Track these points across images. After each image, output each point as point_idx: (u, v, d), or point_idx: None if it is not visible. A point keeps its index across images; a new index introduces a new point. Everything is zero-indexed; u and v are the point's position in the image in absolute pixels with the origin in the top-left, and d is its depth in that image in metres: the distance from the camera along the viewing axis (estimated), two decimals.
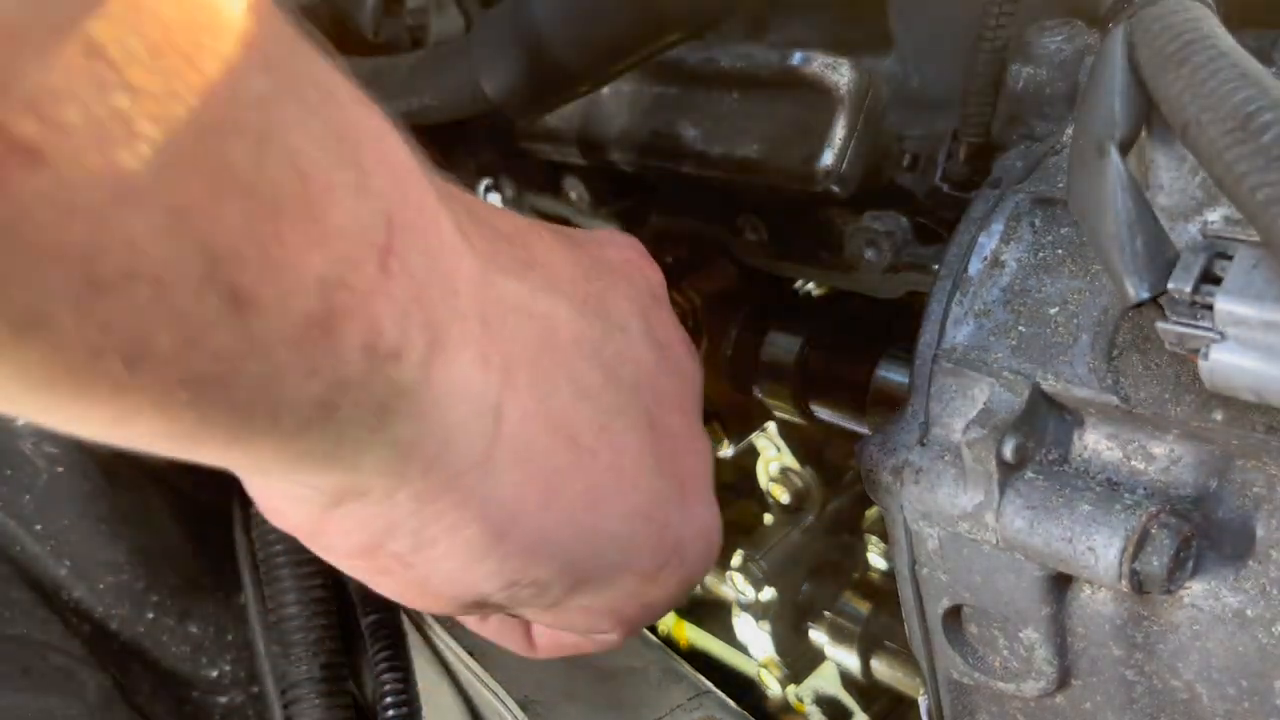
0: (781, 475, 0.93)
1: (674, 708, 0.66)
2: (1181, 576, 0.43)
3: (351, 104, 0.37)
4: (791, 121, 0.71)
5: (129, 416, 0.32)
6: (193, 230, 0.30)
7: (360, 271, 0.35)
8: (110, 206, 0.28)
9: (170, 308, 0.30)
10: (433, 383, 0.39)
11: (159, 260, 0.29)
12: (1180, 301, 0.40)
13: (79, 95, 0.27)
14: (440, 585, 0.45)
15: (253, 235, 0.31)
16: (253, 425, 0.34)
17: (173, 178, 0.29)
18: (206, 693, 0.74)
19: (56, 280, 0.28)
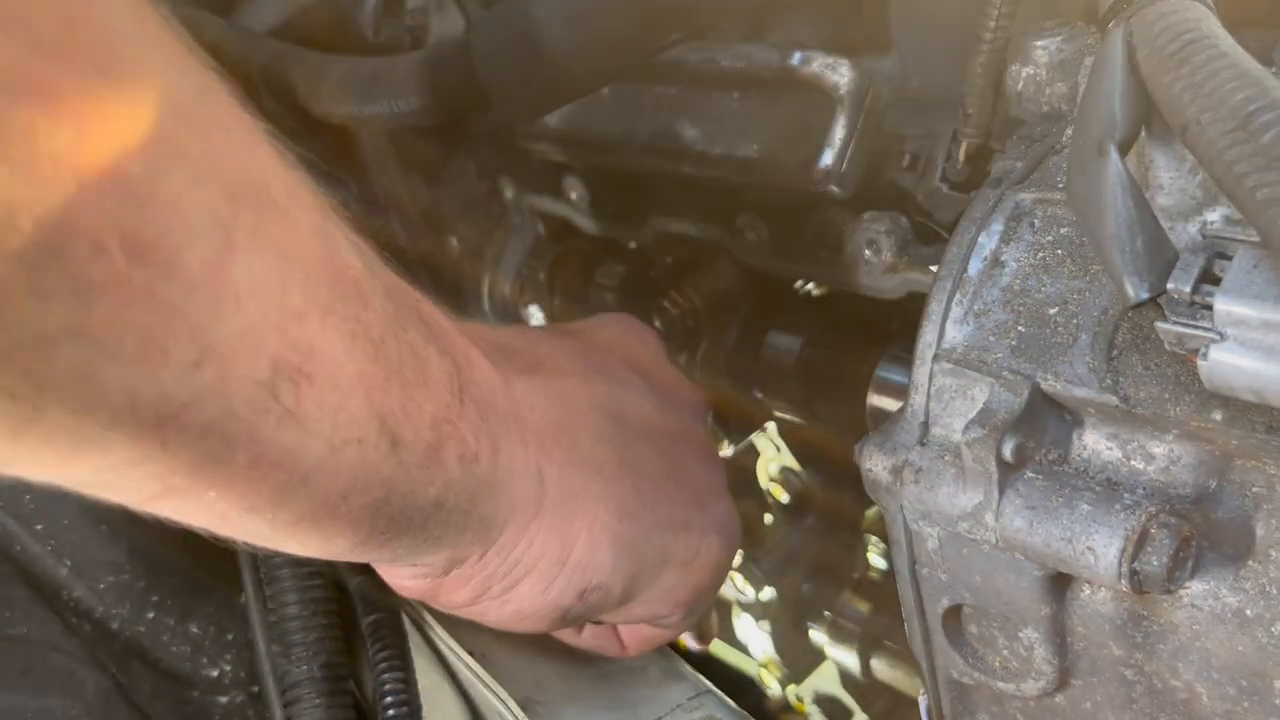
0: (781, 475, 0.93)
1: (674, 707, 0.66)
2: (1181, 576, 0.43)
3: (424, 299, 0.54)
4: (791, 122, 0.71)
5: (333, 537, 0.48)
6: (375, 406, 0.46)
7: (450, 409, 0.51)
8: (341, 408, 0.44)
9: (364, 456, 0.45)
10: (498, 469, 0.54)
11: (362, 427, 0.45)
12: (1180, 302, 0.40)
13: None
14: (532, 609, 0.60)
15: (400, 400, 0.47)
16: (398, 528, 0.50)
17: (370, 381, 0.45)
18: (207, 692, 0.74)
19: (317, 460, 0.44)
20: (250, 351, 0.39)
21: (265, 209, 0.40)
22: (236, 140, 0.41)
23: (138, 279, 0.34)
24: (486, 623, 0.61)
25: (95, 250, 0.33)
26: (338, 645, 0.70)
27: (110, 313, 0.34)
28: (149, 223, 0.35)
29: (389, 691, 0.67)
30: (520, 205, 1.02)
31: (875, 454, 0.51)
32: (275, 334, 0.40)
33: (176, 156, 0.36)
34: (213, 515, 0.44)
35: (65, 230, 0.32)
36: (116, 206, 0.34)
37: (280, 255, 0.41)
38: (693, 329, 0.86)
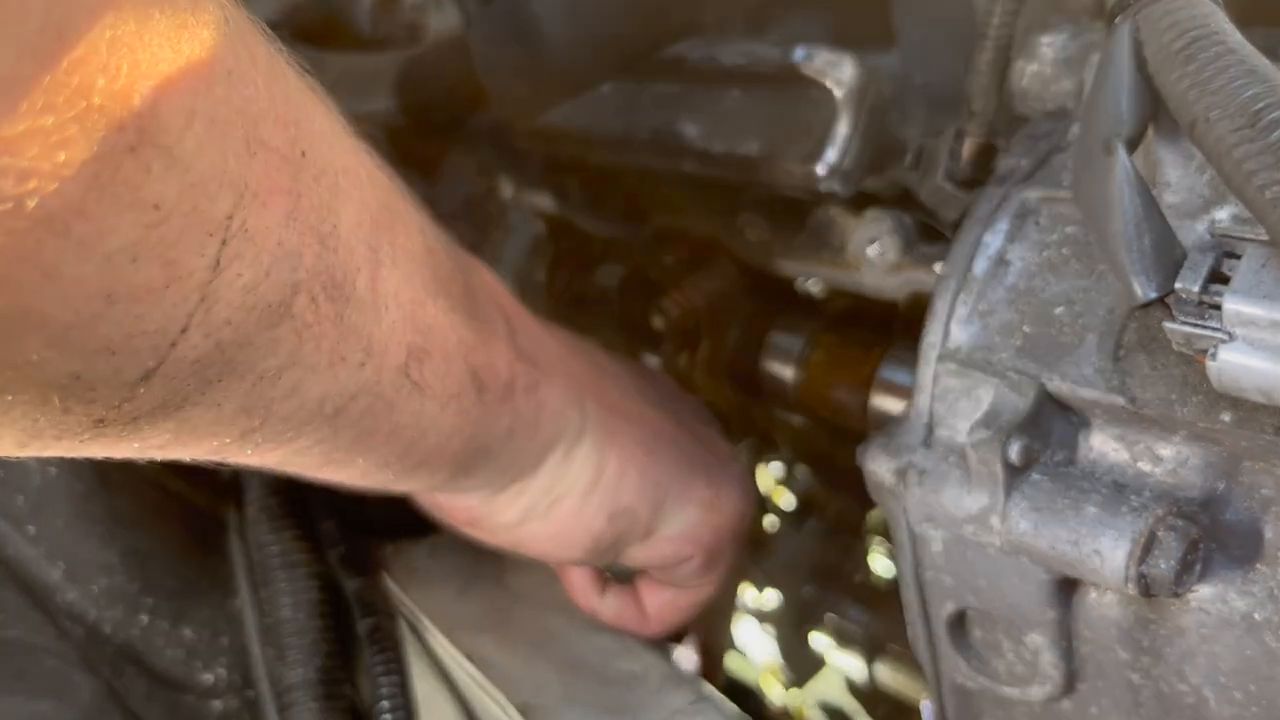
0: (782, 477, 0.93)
1: (674, 712, 0.66)
2: (1189, 580, 0.43)
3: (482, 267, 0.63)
4: (793, 119, 0.70)
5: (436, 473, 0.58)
6: (469, 363, 0.54)
7: (514, 354, 0.59)
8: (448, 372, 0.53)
9: (462, 405, 0.54)
10: (552, 399, 0.63)
11: (461, 383, 0.54)
12: (1188, 301, 0.40)
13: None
14: (569, 529, 0.67)
15: (484, 353, 0.56)
16: (481, 458, 0.59)
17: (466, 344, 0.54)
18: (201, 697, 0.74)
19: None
20: (395, 344, 0.48)
21: (396, 224, 0.49)
22: (368, 164, 0.49)
23: (333, 312, 0.43)
24: (528, 550, 0.68)
25: (310, 302, 0.42)
26: (333, 649, 0.70)
27: (316, 342, 0.43)
28: (339, 266, 0.43)
29: (385, 696, 0.67)
30: (519, 204, 1.02)
31: (879, 456, 0.50)
32: (409, 325, 0.49)
33: (344, 196, 0.44)
34: (354, 474, 0.53)
35: (291, 289, 0.41)
36: (319, 261, 0.42)
37: (407, 259, 0.49)
38: (693, 329, 0.85)
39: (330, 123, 0.46)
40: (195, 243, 0.36)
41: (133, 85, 0.34)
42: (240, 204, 0.38)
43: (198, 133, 0.36)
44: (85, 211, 0.33)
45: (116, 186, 0.34)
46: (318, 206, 0.42)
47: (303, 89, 0.45)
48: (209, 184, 0.36)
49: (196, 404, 0.40)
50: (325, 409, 0.45)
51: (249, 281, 0.38)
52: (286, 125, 0.41)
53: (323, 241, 0.42)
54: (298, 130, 0.42)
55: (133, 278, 0.35)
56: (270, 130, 0.40)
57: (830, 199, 0.71)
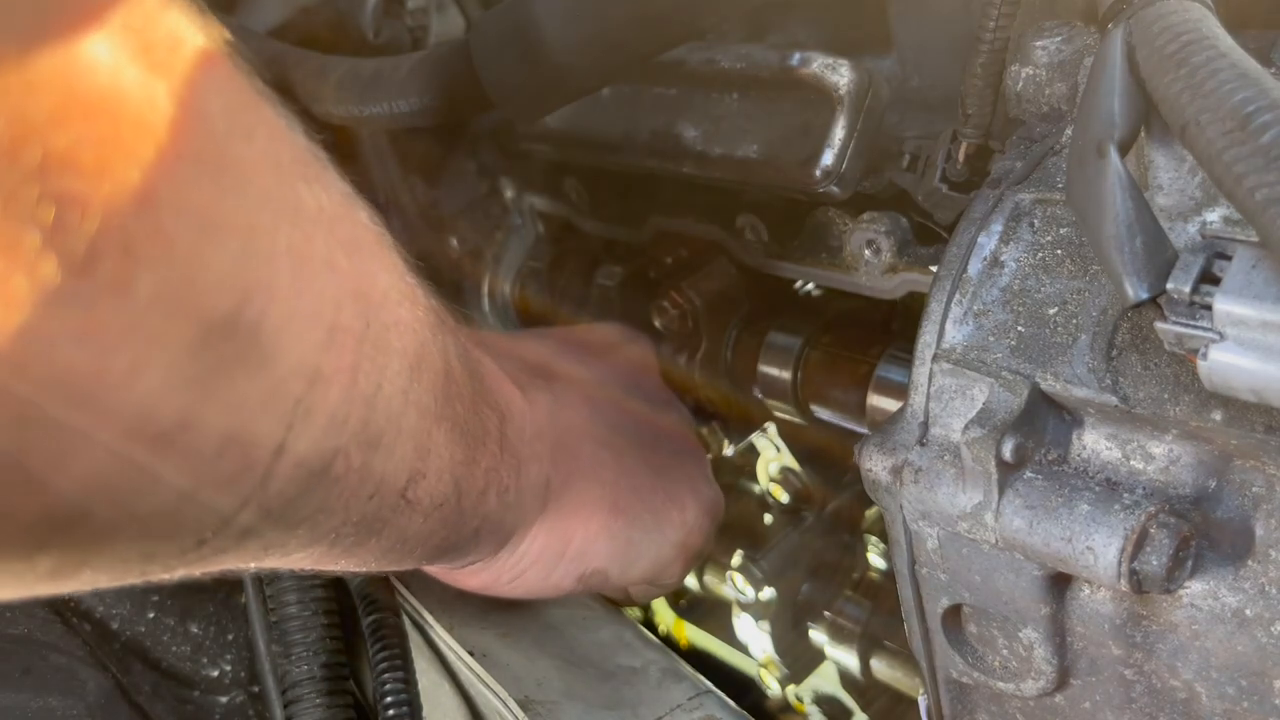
0: (781, 475, 0.93)
1: (674, 707, 0.66)
2: (1180, 576, 0.43)
3: (477, 348, 0.63)
4: (791, 122, 0.71)
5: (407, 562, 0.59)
6: (455, 477, 0.55)
7: (495, 458, 0.60)
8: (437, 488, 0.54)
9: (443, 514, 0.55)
10: (521, 492, 0.64)
11: (446, 495, 0.55)
12: (1179, 302, 0.40)
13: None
14: (536, 590, 0.70)
15: (468, 465, 0.57)
16: (448, 551, 0.61)
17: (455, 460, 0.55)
18: (207, 692, 0.74)
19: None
20: (401, 474, 0.50)
21: (424, 360, 0.50)
22: (413, 304, 0.50)
23: (361, 463, 0.45)
24: (505, 596, 0.72)
25: (346, 460, 0.43)
26: (338, 645, 0.70)
27: (340, 490, 0.44)
28: (375, 424, 0.45)
29: (389, 691, 0.67)
30: (520, 205, 1.02)
31: (875, 454, 0.51)
32: (415, 454, 0.50)
33: (392, 353, 0.46)
34: (336, 568, 0.55)
35: (334, 453, 0.42)
36: (362, 424, 0.44)
37: (428, 391, 0.51)
38: (692, 329, 0.86)
39: (389, 275, 0.48)
40: (269, 434, 0.38)
41: (250, 293, 0.35)
42: (310, 390, 0.39)
43: (293, 332, 0.38)
44: (189, 425, 0.34)
45: (217, 395, 0.35)
46: (370, 373, 0.44)
47: (373, 244, 0.46)
48: (290, 378, 0.38)
49: (230, 554, 0.42)
50: (330, 536, 0.48)
51: (302, 457, 0.40)
52: (359, 299, 0.42)
53: (369, 405, 0.44)
54: (367, 303, 0.43)
55: (216, 473, 0.37)
56: (348, 312, 0.41)
57: (827, 201, 0.72)
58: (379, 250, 0.47)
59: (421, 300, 0.51)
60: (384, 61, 0.79)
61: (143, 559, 0.38)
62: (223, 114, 0.35)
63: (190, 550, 0.39)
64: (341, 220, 0.43)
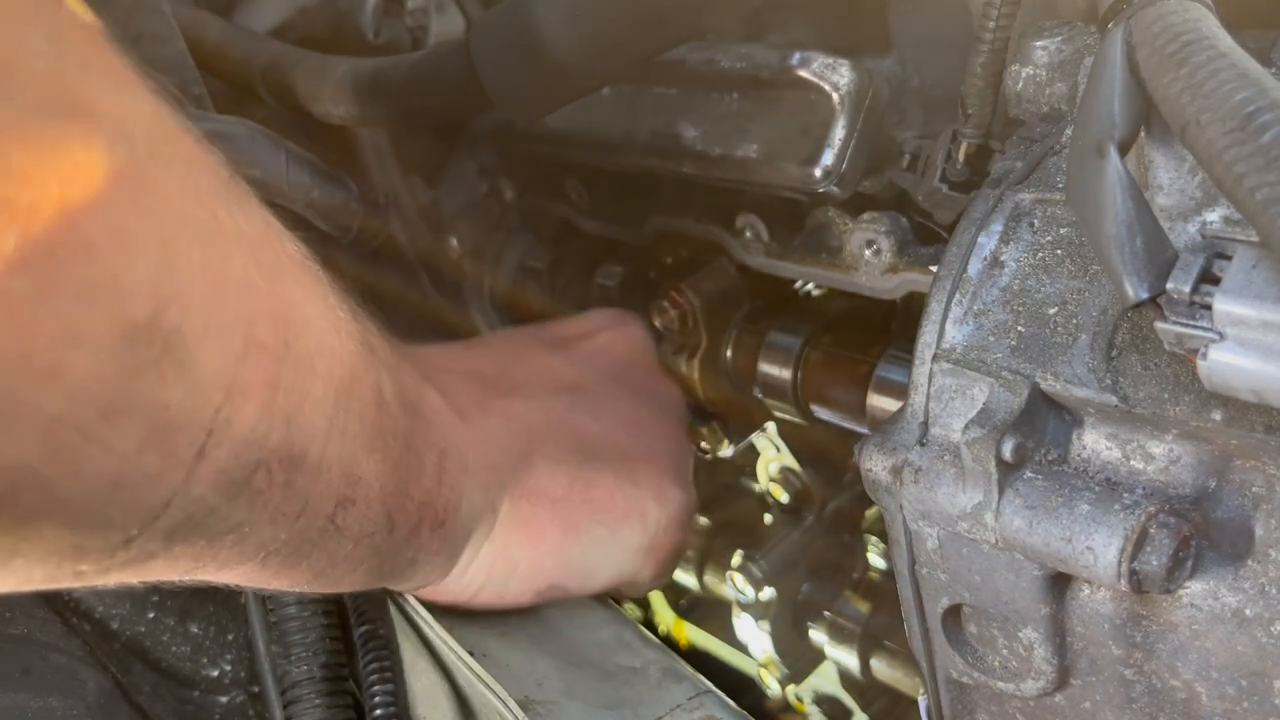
0: (781, 475, 0.93)
1: (674, 707, 0.66)
2: (1180, 576, 0.43)
3: (419, 385, 0.64)
4: (791, 122, 0.71)
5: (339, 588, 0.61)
6: (386, 506, 0.57)
7: (431, 492, 0.61)
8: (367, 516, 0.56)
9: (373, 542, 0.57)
10: (459, 524, 0.65)
11: (376, 524, 0.56)
12: (1179, 302, 0.40)
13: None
14: (498, 605, 0.71)
15: (400, 497, 0.58)
16: (382, 578, 0.63)
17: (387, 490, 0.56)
18: (207, 692, 0.74)
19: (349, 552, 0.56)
20: (328, 498, 0.52)
21: (354, 389, 0.52)
22: (343, 331, 0.52)
23: (284, 479, 0.47)
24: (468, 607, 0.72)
25: (267, 474, 0.46)
26: (337, 645, 0.70)
27: (264, 505, 0.47)
28: (297, 442, 0.47)
29: (378, 704, 0.68)
30: (520, 205, 1.02)
31: (875, 454, 0.51)
32: (343, 480, 0.52)
33: (316, 376, 0.48)
34: (269, 587, 0.56)
35: (254, 466, 0.45)
36: (283, 440, 0.46)
37: (357, 420, 0.53)
38: (692, 329, 0.86)
39: (314, 303, 0.50)
40: (189, 437, 0.41)
41: (167, 302, 0.38)
42: (228, 400, 0.42)
43: (208, 344, 0.40)
44: (111, 417, 0.37)
45: (138, 393, 0.38)
46: (291, 393, 0.46)
47: (297, 271, 0.49)
48: (208, 386, 0.41)
49: (160, 559, 0.45)
50: (258, 554, 0.50)
51: (223, 465, 0.43)
52: (278, 321, 0.45)
53: (289, 422, 0.46)
54: (287, 325, 0.46)
55: (139, 468, 0.40)
56: (265, 330, 0.44)
57: (827, 201, 0.72)
58: (302, 277, 0.50)
59: (354, 334, 0.54)
60: (384, 61, 0.79)
61: (74, 552, 0.41)
62: (144, 141, 0.39)
63: (119, 548, 0.42)
64: (262, 245, 0.46)
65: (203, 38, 0.88)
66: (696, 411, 0.90)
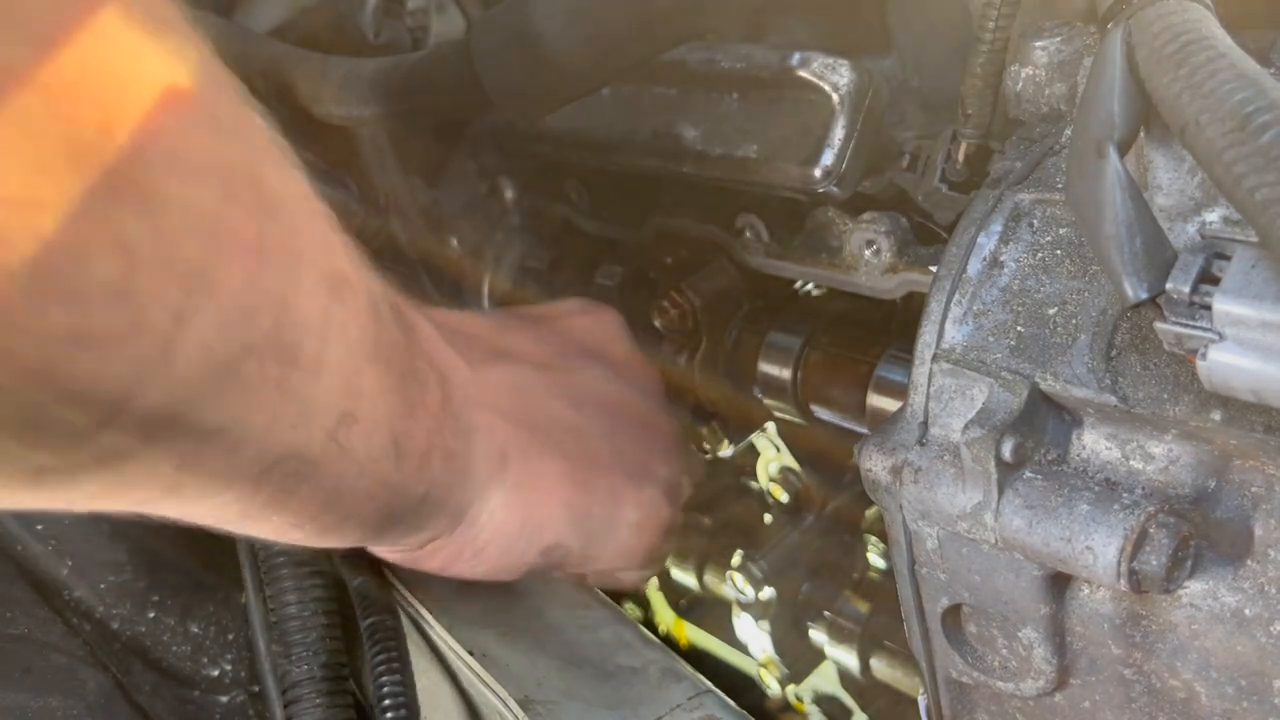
0: (781, 475, 0.93)
1: (674, 707, 0.66)
2: (1180, 576, 0.43)
3: (412, 311, 0.61)
4: (791, 122, 0.71)
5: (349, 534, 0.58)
6: (393, 430, 0.54)
7: (439, 419, 0.59)
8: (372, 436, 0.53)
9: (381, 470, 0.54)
10: (471, 460, 0.63)
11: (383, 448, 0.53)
12: (1179, 302, 0.40)
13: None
14: (499, 567, 0.69)
15: (407, 421, 0.55)
16: (394, 521, 0.59)
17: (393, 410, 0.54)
18: (207, 692, 0.74)
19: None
20: (329, 408, 0.48)
21: (347, 291, 0.49)
22: (330, 230, 0.49)
23: (278, 375, 0.43)
24: (465, 577, 0.70)
25: (259, 365, 0.42)
26: (338, 645, 0.70)
27: (258, 405, 0.43)
28: (291, 331, 0.44)
29: (387, 695, 0.67)
30: (520, 205, 1.02)
31: (875, 454, 0.51)
32: (344, 391, 0.49)
33: (306, 261, 0.45)
34: (268, 530, 0.53)
35: (244, 350, 0.41)
36: (275, 324, 0.42)
37: (355, 325, 0.49)
38: (692, 329, 0.86)
39: (298, 185, 0.46)
40: (162, 291, 0.36)
41: (123, 123, 0.34)
42: (207, 257, 0.38)
43: (178, 179, 0.36)
44: (64, 247, 0.32)
45: (95, 227, 0.33)
46: (280, 269, 0.42)
47: (274, 148, 0.45)
48: (180, 233, 0.36)
49: (138, 459, 0.40)
50: (253, 468, 0.46)
51: (207, 339, 0.38)
52: (258, 183, 0.41)
53: (282, 305, 0.43)
54: (268, 189, 0.42)
55: (101, 322, 0.34)
56: (243, 186, 0.40)
57: (827, 201, 0.72)
58: (281, 155, 0.45)
59: (341, 243, 0.50)
60: (384, 61, 0.79)
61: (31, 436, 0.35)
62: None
63: (86, 436, 0.36)
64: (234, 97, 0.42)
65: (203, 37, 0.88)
66: (696, 411, 0.90)
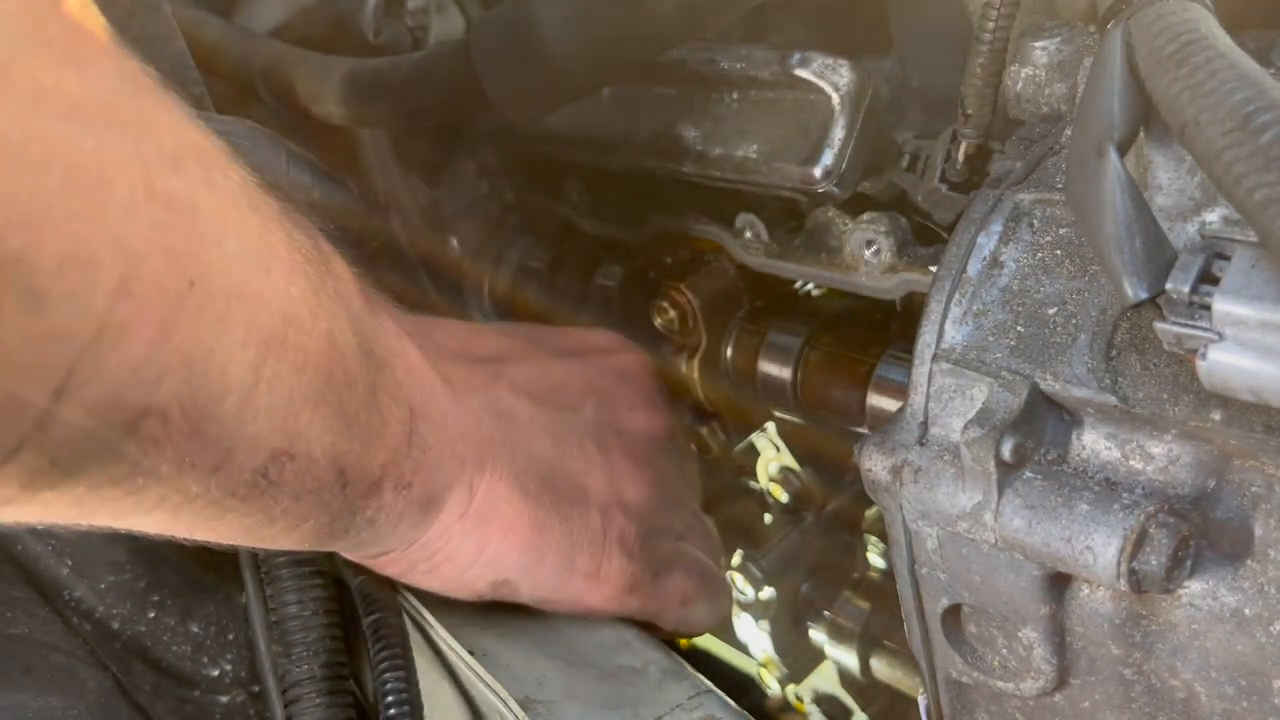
0: (781, 475, 0.93)
1: (674, 707, 0.66)
2: (1180, 576, 0.43)
3: (395, 339, 0.61)
4: (791, 122, 0.71)
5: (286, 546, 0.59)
6: (337, 463, 0.53)
7: (398, 452, 0.58)
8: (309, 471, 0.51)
9: (320, 498, 0.53)
10: (431, 490, 0.62)
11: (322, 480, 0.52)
12: (1178, 302, 0.40)
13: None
14: (451, 587, 0.69)
15: (358, 454, 0.54)
16: (338, 537, 0.58)
17: (337, 447, 0.52)
18: (207, 692, 0.74)
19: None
20: (257, 450, 0.47)
21: (292, 337, 0.47)
22: (279, 271, 0.47)
23: (187, 428, 0.42)
24: (422, 587, 0.70)
25: (162, 421, 0.41)
26: (338, 645, 0.70)
27: (161, 454, 0.42)
28: (205, 389, 0.42)
29: (390, 691, 0.67)
30: (520, 205, 1.02)
31: (874, 454, 0.51)
32: (277, 433, 0.48)
33: (233, 319, 0.43)
34: (201, 538, 0.52)
35: (142, 411, 0.40)
36: (182, 385, 0.41)
37: (294, 370, 0.48)
38: (692, 329, 0.86)
39: (245, 238, 0.45)
40: (41, 377, 0.35)
41: (8, 217, 0.32)
42: (99, 339, 0.36)
43: (67, 277, 0.34)
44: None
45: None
46: (192, 335, 0.41)
47: (224, 202, 0.43)
48: (68, 324, 0.35)
49: (24, 504, 0.40)
50: (163, 504, 0.45)
51: (93, 406, 0.37)
52: (178, 258, 0.39)
53: (189, 367, 0.41)
54: (191, 261, 0.40)
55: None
56: (156, 265, 0.38)
57: (827, 201, 0.72)
58: (231, 211, 0.44)
59: (302, 275, 0.49)
60: (384, 61, 0.79)
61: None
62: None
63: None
64: (178, 167, 0.40)
65: (203, 38, 0.88)
66: (696, 411, 0.90)
